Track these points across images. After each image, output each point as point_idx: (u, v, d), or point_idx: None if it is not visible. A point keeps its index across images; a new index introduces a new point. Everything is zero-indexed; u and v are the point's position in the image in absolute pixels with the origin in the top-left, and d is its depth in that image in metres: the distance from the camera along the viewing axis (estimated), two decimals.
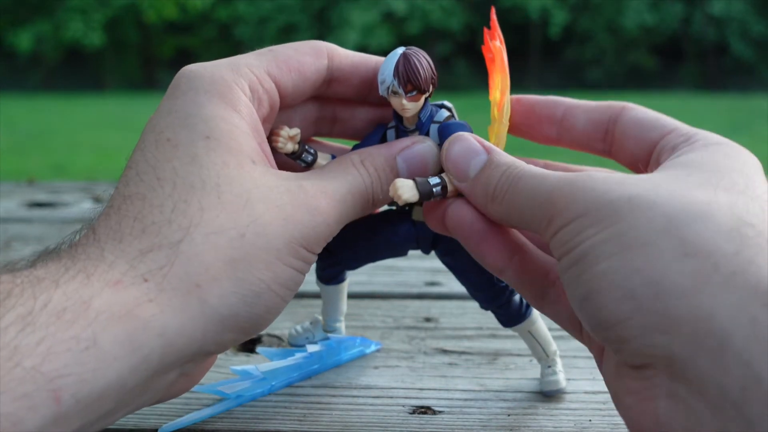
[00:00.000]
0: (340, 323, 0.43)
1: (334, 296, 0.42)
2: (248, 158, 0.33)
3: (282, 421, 0.36)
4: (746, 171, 0.29)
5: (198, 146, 0.32)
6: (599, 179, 0.29)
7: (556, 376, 0.39)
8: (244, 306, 0.30)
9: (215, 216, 0.30)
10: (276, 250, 0.31)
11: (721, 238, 0.25)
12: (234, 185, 0.31)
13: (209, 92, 0.33)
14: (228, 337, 0.31)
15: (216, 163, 0.32)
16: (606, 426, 0.36)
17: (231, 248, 0.30)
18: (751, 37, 11.53)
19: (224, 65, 0.35)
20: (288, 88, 0.36)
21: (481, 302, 0.39)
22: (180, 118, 0.33)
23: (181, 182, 0.31)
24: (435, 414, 0.37)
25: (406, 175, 0.35)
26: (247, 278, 0.30)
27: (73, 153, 4.79)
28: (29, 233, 0.75)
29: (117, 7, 11.62)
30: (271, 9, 12.05)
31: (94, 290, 0.27)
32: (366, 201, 0.35)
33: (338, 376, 0.41)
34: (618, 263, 0.26)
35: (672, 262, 0.25)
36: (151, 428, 0.36)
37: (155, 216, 0.30)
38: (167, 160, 0.32)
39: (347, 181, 0.34)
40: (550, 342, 0.40)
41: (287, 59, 0.36)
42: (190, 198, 0.31)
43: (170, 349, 0.28)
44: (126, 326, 0.27)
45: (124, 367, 0.27)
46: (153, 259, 0.29)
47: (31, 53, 11.72)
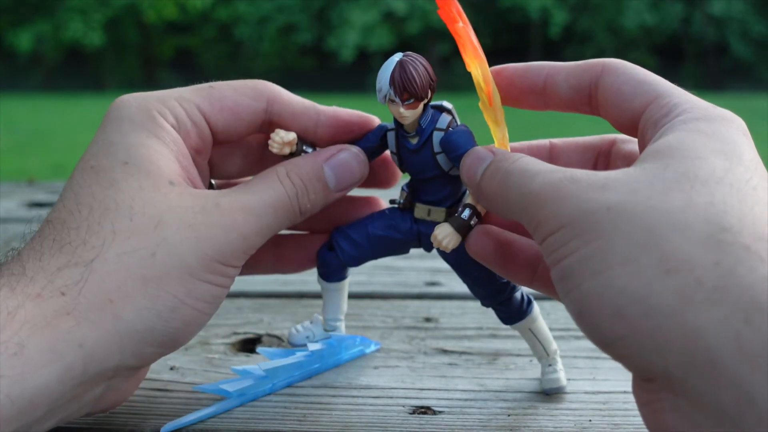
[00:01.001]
0: (340, 322, 0.43)
1: (335, 294, 0.42)
2: (166, 180, 0.34)
3: (282, 421, 0.36)
4: (727, 149, 0.29)
5: (116, 171, 0.34)
6: (581, 185, 0.29)
7: (556, 374, 0.39)
8: (159, 321, 0.32)
9: (126, 237, 0.32)
10: (188, 267, 0.32)
11: (700, 249, 0.25)
12: (147, 207, 0.33)
13: (133, 121, 0.35)
14: (147, 350, 0.32)
15: (132, 186, 0.33)
16: (606, 426, 0.36)
17: (142, 267, 0.32)
18: (751, 37, 11.52)
19: (154, 97, 0.37)
20: (218, 125, 0.37)
21: (482, 299, 0.39)
22: (104, 146, 0.35)
23: (97, 206, 0.33)
24: (435, 414, 0.37)
25: (333, 183, 0.37)
26: (160, 294, 0.32)
27: (73, 153, 4.78)
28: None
29: (117, 7, 11.61)
30: (271, 9, 12.04)
31: (18, 302, 0.30)
32: (291, 212, 0.36)
33: (338, 376, 0.41)
34: (604, 281, 0.26)
35: (655, 280, 0.25)
36: (152, 429, 0.36)
37: (71, 237, 0.32)
38: (88, 185, 0.34)
39: (268, 194, 0.35)
40: (551, 341, 0.40)
41: (222, 98, 0.37)
42: (104, 220, 0.32)
43: (91, 360, 0.30)
44: (48, 336, 0.29)
45: (50, 374, 0.29)
46: (68, 275, 0.31)
47: (31, 53, 11.71)
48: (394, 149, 0.38)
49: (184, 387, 0.40)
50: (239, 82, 0.38)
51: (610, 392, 0.39)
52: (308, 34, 12.01)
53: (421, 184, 0.38)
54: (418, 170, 0.37)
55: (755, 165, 0.29)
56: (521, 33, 11.77)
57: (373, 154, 0.39)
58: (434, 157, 0.36)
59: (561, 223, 0.28)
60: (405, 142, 0.37)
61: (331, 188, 0.37)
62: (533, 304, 0.39)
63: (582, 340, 0.46)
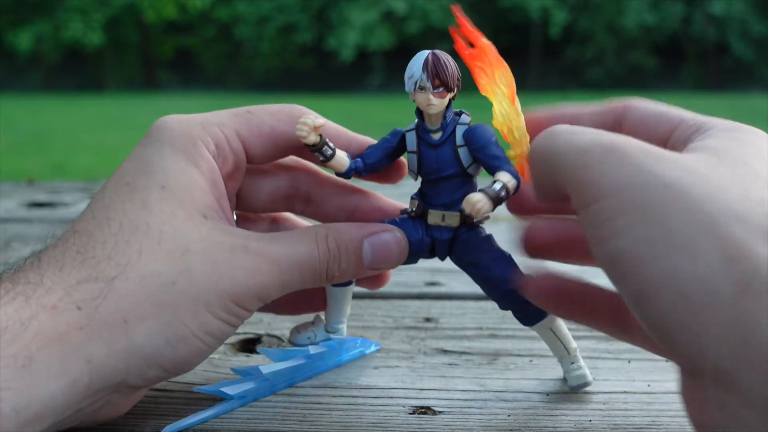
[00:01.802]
0: (342, 324, 0.43)
1: (340, 298, 0.42)
2: (199, 213, 0.34)
3: (282, 422, 0.36)
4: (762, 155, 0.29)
5: (152, 193, 0.34)
6: (635, 151, 0.27)
7: (582, 370, 0.39)
8: (168, 347, 0.32)
9: (152, 260, 0.32)
10: (205, 302, 0.33)
11: (760, 241, 0.24)
12: (177, 235, 0.33)
13: (174, 145, 0.35)
14: (151, 373, 0.32)
15: (165, 212, 0.34)
16: (606, 426, 0.36)
17: (161, 292, 0.32)
18: (752, 37, 11.53)
19: (196, 120, 0.37)
20: (256, 151, 0.38)
21: (500, 301, 0.39)
22: (142, 165, 0.35)
23: (128, 224, 0.33)
24: (435, 414, 0.37)
25: (369, 260, 0.37)
26: (173, 322, 0.32)
27: (73, 153, 4.79)
28: (29, 233, 0.75)
29: (117, 6, 11.62)
30: (270, 9, 12.05)
31: (31, 312, 0.30)
32: (317, 275, 0.36)
33: (338, 376, 0.41)
34: (668, 267, 0.25)
35: (718, 266, 0.24)
36: (152, 429, 0.36)
37: (97, 251, 0.32)
38: (121, 201, 0.34)
39: (299, 252, 0.35)
40: (570, 339, 0.39)
41: (260, 124, 0.38)
42: (132, 239, 0.33)
43: (96, 376, 0.30)
44: (58, 349, 0.29)
45: (57, 388, 0.29)
46: (87, 289, 0.31)
47: (31, 53, 11.71)
48: (414, 148, 0.38)
49: (184, 387, 0.40)
50: (275, 106, 0.39)
51: (610, 392, 0.39)
52: (308, 33, 12.01)
53: (435, 187, 0.38)
54: (436, 168, 0.37)
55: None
56: (521, 33, 11.77)
57: (390, 156, 0.39)
58: (456, 151, 0.37)
59: (610, 189, 0.27)
60: (427, 137, 0.37)
61: (365, 264, 0.37)
62: None
63: (582, 341, 0.46)
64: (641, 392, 0.39)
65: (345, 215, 0.41)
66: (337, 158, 0.37)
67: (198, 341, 0.33)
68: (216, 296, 0.33)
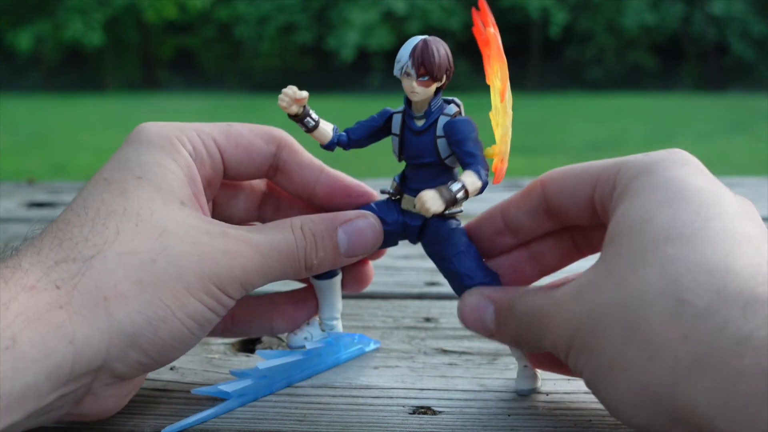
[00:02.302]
0: (336, 321, 0.43)
1: (328, 292, 0.42)
2: (177, 199, 0.35)
3: (282, 422, 0.36)
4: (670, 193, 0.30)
5: (129, 183, 0.34)
6: (561, 305, 0.32)
7: (531, 375, 0.39)
8: (148, 327, 0.32)
9: (130, 239, 0.32)
10: (185, 281, 0.32)
11: (668, 326, 0.27)
12: (154, 216, 0.33)
13: (152, 143, 0.36)
14: (132, 356, 0.32)
15: (142, 197, 0.34)
16: (606, 426, 0.36)
17: (141, 270, 0.32)
18: (752, 37, 11.52)
19: (174, 125, 0.38)
20: (232, 161, 0.39)
21: (460, 294, 0.39)
22: (120, 162, 0.36)
23: (105, 209, 0.33)
24: (435, 414, 0.37)
25: (345, 248, 0.37)
26: (154, 301, 0.32)
27: (73, 153, 4.78)
28: None
29: (117, 6, 11.61)
30: (270, 8, 12.04)
31: (11, 294, 0.29)
32: (295, 263, 0.36)
33: (338, 376, 0.41)
34: (613, 386, 0.29)
35: (646, 368, 0.27)
36: (152, 429, 0.36)
37: (74, 234, 0.32)
38: (98, 193, 0.34)
39: (276, 239, 0.36)
40: None
41: (238, 135, 0.39)
42: (109, 222, 0.33)
43: (79, 358, 0.30)
44: (40, 330, 0.29)
45: (41, 370, 0.29)
46: (65, 269, 0.31)
47: (31, 53, 11.71)
48: (397, 131, 0.38)
49: (184, 387, 0.40)
50: (255, 126, 0.40)
51: None
52: (308, 33, 12.01)
53: (414, 171, 0.38)
54: (415, 154, 0.38)
55: (702, 198, 0.30)
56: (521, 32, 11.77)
57: (374, 135, 0.39)
58: (435, 141, 0.37)
59: (567, 345, 0.31)
60: (411, 122, 0.38)
61: (341, 252, 0.37)
62: None
63: None
64: None
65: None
66: (320, 130, 0.37)
67: (178, 323, 0.32)
68: (196, 277, 0.33)
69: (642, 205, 0.30)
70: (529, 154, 4.12)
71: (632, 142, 4.80)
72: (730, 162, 3.93)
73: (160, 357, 0.33)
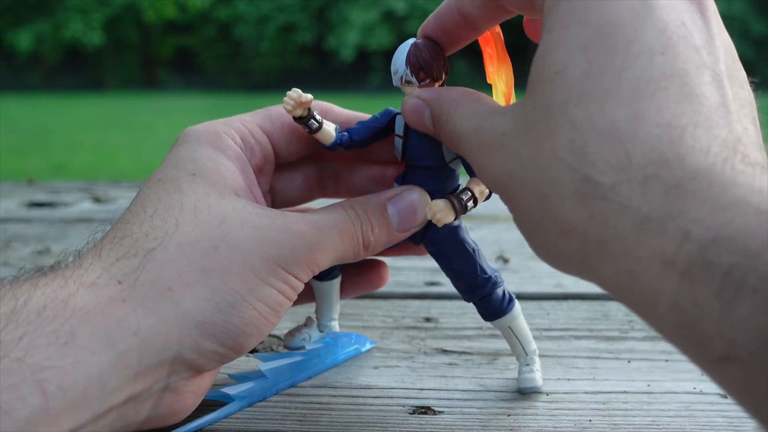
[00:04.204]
0: (334, 322, 0.43)
1: (328, 294, 0.42)
2: (232, 191, 0.35)
3: (282, 422, 0.36)
4: (604, 32, 0.25)
5: (183, 180, 0.34)
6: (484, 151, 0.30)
7: (533, 374, 0.39)
8: (218, 314, 0.31)
9: (190, 230, 0.32)
10: (251, 265, 0.32)
11: (575, 205, 0.25)
12: (212, 207, 0.33)
13: (200, 140, 0.36)
14: (207, 346, 0.31)
15: (198, 192, 0.34)
16: (606, 426, 0.36)
17: (204, 258, 0.31)
18: (752, 36, 11.52)
19: (218, 121, 0.38)
20: (281, 142, 0.39)
21: (463, 293, 0.39)
22: (172, 162, 0.36)
23: (162, 207, 0.33)
24: (435, 414, 0.37)
25: (396, 222, 0.37)
26: (221, 287, 0.31)
27: (73, 153, 4.79)
28: (29, 233, 0.75)
29: (116, 6, 11.61)
30: (270, 8, 12.04)
31: (70, 290, 0.29)
32: (355, 241, 0.36)
33: (338, 376, 0.41)
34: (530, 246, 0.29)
35: (558, 242, 0.26)
36: (151, 429, 0.36)
37: (133, 231, 0.32)
38: (154, 192, 0.34)
39: (333, 217, 0.35)
40: (530, 340, 0.40)
41: (279, 116, 0.39)
42: (168, 216, 0.33)
43: (147, 349, 0.29)
44: (101, 323, 0.28)
45: (102, 361, 0.28)
46: (126, 264, 0.31)
47: (31, 53, 11.71)
48: (400, 132, 0.38)
49: None
50: None
51: (610, 392, 0.39)
52: (308, 33, 12.01)
53: (415, 173, 0.38)
54: (418, 156, 0.38)
55: (621, 36, 0.25)
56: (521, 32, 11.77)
57: (376, 136, 0.39)
58: (440, 144, 0.37)
59: (492, 189, 0.31)
60: None
61: (393, 227, 0.37)
62: (515, 302, 0.39)
63: (582, 340, 0.46)
64: (641, 392, 0.39)
65: (375, 183, 0.41)
66: (323, 131, 0.37)
67: (250, 308, 0.32)
68: (261, 260, 0.32)
69: (558, 47, 0.26)
70: None
71: None
72: None
73: (235, 345, 0.32)
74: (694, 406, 0.37)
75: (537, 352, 0.40)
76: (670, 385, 0.39)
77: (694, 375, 0.40)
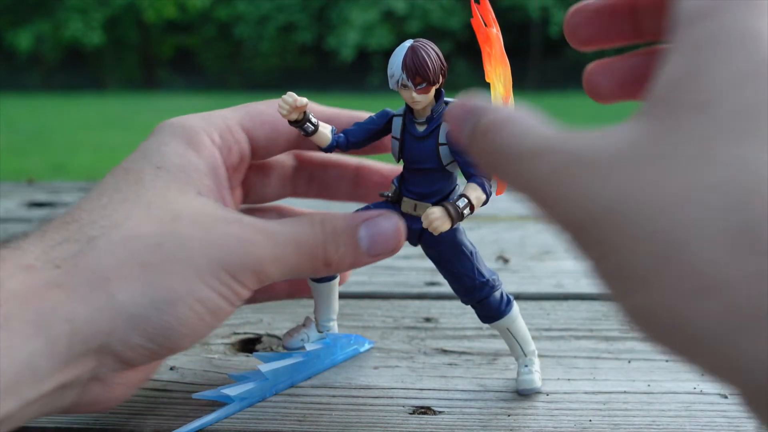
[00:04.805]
0: (332, 322, 0.43)
1: (326, 295, 0.42)
2: (194, 189, 0.34)
3: (282, 422, 0.36)
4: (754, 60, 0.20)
5: (146, 172, 0.34)
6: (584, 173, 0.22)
7: (532, 375, 0.39)
8: (153, 310, 0.30)
9: (138, 223, 0.32)
10: (195, 266, 0.31)
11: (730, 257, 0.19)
12: (168, 203, 0.33)
13: (175, 134, 0.36)
14: (136, 340, 0.30)
15: (157, 186, 0.33)
16: (606, 426, 0.36)
17: (147, 253, 0.31)
18: None
19: (198, 116, 0.37)
20: (260, 140, 0.38)
21: (461, 296, 0.39)
22: (141, 152, 0.35)
23: (118, 196, 0.33)
24: (435, 414, 0.37)
25: (365, 246, 0.36)
26: (160, 284, 0.31)
27: (72, 153, 4.78)
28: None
29: (116, 6, 11.61)
30: (270, 8, 12.04)
31: (6, 273, 0.29)
32: (314, 257, 0.34)
33: (338, 376, 0.41)
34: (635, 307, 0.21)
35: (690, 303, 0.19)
36: (152, 429, 0.36)
37: (82, 217, 0.32)
38: (115, 181, 0.34)
39: (295, 230, 0.34)
40: (529, 341, 0.40)
41: (260, 113, 0.38)
42: (120, 207, 0.32)
43: (77, 337, 0.29)
44: (36, 308, 0.28)
45: (35, 348, 0.28)
46: (67, 248, 0.30)
47: (31, 53, 11.71)
48: (397, 135, 0.38)
49: (184, 387, 0.40)
50: (270, 100, 0.39)
51: (610, 392, 0.39)
52: (308, 33, 12.01)
53: (413, 175, 0.38)
54: (416, 159, 0.38)
55: None
56: (521, 32, 11.77)
57: (373, 138, 0.39)
58: (437, 148, 0.37)
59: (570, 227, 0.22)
60: (412, 128, 0.37)
61: (362, 250, 0.36)
62: (513, 304, 0.39)
63: (582, 340, 0.46)
64: (641, 392, 0.39)
65: (347, 182, 0.42)
66: (319, 134, 0.37)
67: (186, 308, 0.31)
68: (206, 262, 0.31)
69: (707, 73, 0.21)
70: None
71: None
72: None
73: (167, 342, 0.31)
74: (695, 407, 0.37)
75: (536, 353, 0.40)
76: (671, 385, 0.39)
77: (695, 375, 0.40)
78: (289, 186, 0.42)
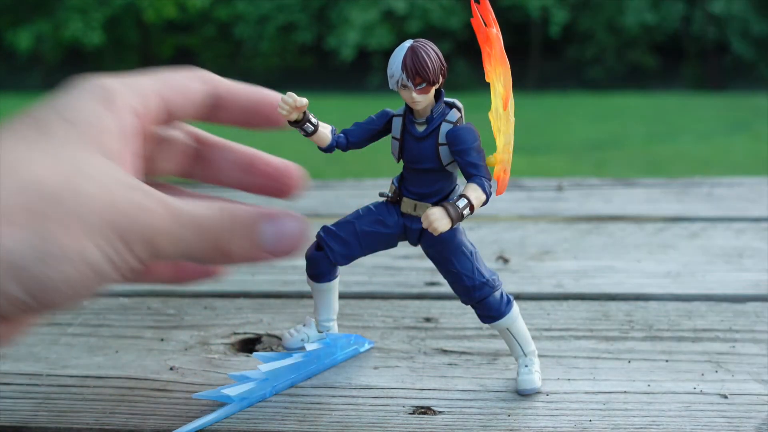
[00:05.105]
0: (332, 322, 0.43)
1: (326, 295, 0.42)
2: (101, 150, 0.33)
3: (282, 422, 0.36)
4: None
5: (55, 124, 0.33)
6: None
7: (531, 375, 0.39)
8: (35, 261, 0.29)
9: (39, 172, 0.30)
10: (88, 225, 0.30)
11: None
12: (74, 159, 0.32)
13: (92, 92, 0.35)
14: (13, 290, 0.29)
15: (65, 139, 0.32)
16: (606, 426, 0.36)
17: (43, 203, 0.30)
18: (752, 36, 11.51)
19: (117, 78, 0.36)
20: (174, 105, 0.38)
21: (461, 296, 0.39)
22: (52, 103, 0.34)
23: (23, 143, 0.31)
24: (435, 414, 0.37)
25: (266, 241, 0.34)
26: (46, 235, 0.30)
27: None
28: None
29: (116, 6, 11.62)
30: (270, 8, 12.04)
31: None
32: (212, 244, 0.34)
33: (338, 376, 0.41)
34: None
35: None
36: (152, 429, 0.36)
37: None
38: (23, 129, 0.32)
39: (199, 212, 0.33)
40: (529, 341, 0.40)
41: (172, 79, 0.38)
42: (22, 156, 0.31)
43: None
44: None
45: None
46: None
47: (31, 53, 11.71)
48: (397, 135, 0.38)
49: (183, 387, 0.40)
50: (180, 69, 0.39)
51: (610, 392, 0.39)
52: (308, 33, 12.01)
53: (413, 175, 0.38)
54: (416, 159, 0.38)
55: None
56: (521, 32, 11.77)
57: (373, 138, 0.39)
58: (437, 148, 0.37)
59: None
60: (411, 128, 0.37)
61: (260, 245, 0.34)
62: (513, 304, 0.39)
63: (582, 340, 0.46)
64: (641, 392, 0.39)
65: (240, 169, 0.41)
66: (319, 133, 0.37)
67: (72, 266, 0.30)
68: (101, 223, 0.30)
69: None
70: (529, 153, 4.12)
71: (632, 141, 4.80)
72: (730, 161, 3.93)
73: (44, 299, 0.30)
74: (695, 407, 0.37)
75: (536, 353, 0.40)
76: (671, 386, 0.39)
77: (695, 375, 0.40)
78: (186, 164, 0.41)
